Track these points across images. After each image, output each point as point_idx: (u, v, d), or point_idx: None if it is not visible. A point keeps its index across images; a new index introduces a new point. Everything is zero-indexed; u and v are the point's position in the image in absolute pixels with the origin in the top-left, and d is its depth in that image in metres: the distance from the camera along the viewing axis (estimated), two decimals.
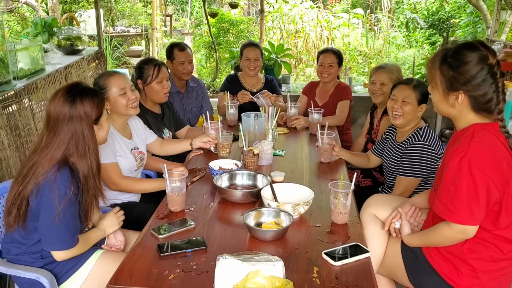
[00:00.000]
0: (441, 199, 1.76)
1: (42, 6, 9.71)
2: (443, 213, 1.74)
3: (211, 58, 8.99)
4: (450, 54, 1.77)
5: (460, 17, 9.37)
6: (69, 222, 1.85)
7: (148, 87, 2.98)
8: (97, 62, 5.06)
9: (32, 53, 4.01)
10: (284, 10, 10.21)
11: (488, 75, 1.71)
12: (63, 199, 1.81)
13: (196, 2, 14.42)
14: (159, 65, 2.99)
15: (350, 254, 1.75)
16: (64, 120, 1.87)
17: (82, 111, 1.89)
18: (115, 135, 2.49)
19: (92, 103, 1.92)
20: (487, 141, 1.73)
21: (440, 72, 1.79)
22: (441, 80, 1.79)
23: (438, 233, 1.80)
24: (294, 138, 3.35)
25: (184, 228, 1.93)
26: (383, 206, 2.16)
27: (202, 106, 3.90)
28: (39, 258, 1.95)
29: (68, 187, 1.82)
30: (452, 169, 1.71)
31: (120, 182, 2.44)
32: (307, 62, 9.59)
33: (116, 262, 1.96)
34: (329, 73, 3.80)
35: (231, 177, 2.41)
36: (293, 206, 1.99)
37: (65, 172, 1.84)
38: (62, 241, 1.87)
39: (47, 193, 1.81)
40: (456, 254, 1.81)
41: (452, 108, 1.81)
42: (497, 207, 1.74)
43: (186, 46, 3.78)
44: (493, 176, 1.67)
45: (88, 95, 1.93)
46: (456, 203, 1.70)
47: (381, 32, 11.20)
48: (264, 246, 1.81)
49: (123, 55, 9.79)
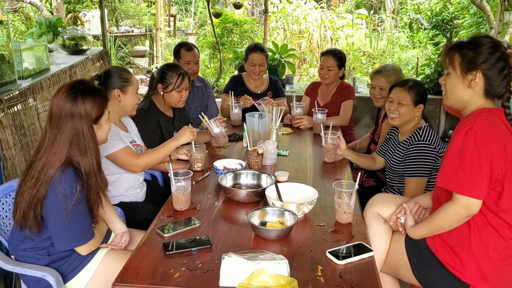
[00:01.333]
0: (445, 171, 1.81)
1: (46, 6, 9.75)
2: (447, 184, 1.80)
3: (215, 58, 9.01)
4: (466, 42, 1.92)
5: (463, 17, 9.35)
6: (79, 220, 1.87)
7: (168, 94, 3.01)
8: (101, 62, 5.08)
9: (37, 52, 4.03)
10: (288, 11, 10.21)
11: (501, 60, 1.85)
12: (70, 199, 1.82)
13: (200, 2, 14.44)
14: (183, 75, 3.01)
15: (354, 253, 1.77)
16: (66, 117, 1.88)
17: (82, 109, 1.90)
18: (116, 128, 2.52)
19: (93, 102, 1.93)
20: (492, 120, 1.81)
21: (459, 54, 1.89)
22: (460, 62, 1.88)
23: (442, 214, 1.84)
24: (298, 138, 3.36)
25: (189, 227, 1.95)
26: (387, 204, 2.18)
27: (207, 106, 3.91)
28: (45, 255, 1.96)
29: (74, 186, 1.84)
30: (458, 141, 1.78)
31: (138, 161, 2.47)
32: (310, 63, 9.59)
33: (122, 260, 1.97)
34: (328, 76, 3.78)
35: (235, 176, 2.42)
36: (297, 206, 2.00)
37: (69, 172, 1.85)
38: (74, 239, 1.89)
39: (53, 194, 1.82)
40: (460, 243, 1.85)
41: (467, 91, 1.89)
42: (499, 187, 1.78)
43: (193, 46, 3.80)
44: (497, 152, 1.74)
45: (90, 94, 1.93)
46: (460, 174, 1.75)
47: (385, 33, 11.19)
48: (269, 245, 1.82)
49: (127, 55, 9.82)
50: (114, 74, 2.54)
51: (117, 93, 2.51)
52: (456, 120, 4.65)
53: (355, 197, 2.04)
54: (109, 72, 2.56)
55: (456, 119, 4.74)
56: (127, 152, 2.45)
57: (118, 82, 2.52)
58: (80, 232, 1.90)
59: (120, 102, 2.53)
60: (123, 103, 2.55)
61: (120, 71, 2.58)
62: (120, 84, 2.52)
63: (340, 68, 3.79)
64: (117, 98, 2.51)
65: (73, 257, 1.98)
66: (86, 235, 1.92)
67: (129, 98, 2.56)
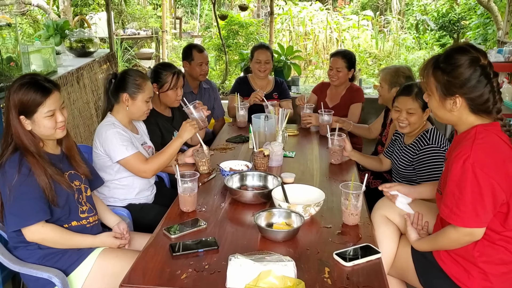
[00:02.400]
0: (446, 203, 1.75)
1: (53, 9, 9.80)
2: (449, 217, 1.74)
3: (221, 60, 9.02)
4: (441, 59, 1.78)
5: (470, 18, 9.32)
6: (21, 201, 1.88)
7: (163, 93, 3.01)
8: (108, 64, 5.10)
9: (45, 55, 4.06)
10: (294, 12, 10.21)
11: (482, 76, 1.72)
12: (11, 179, 1.87)
13: (206, 5, 14.48)
14: (177, 73, 3.01)
15: (361, 255, 1.76)
16: (6, 106, 1.95)
17: (12, 101, 1.91)
18: (127, 132, 2.52)
19: (25, 96, 1.91)
20: (489, 142, 1.72)
21: (434, 79, 1.79)
22: (436, 86, 1.79)
23: (445, 237, 1.80)
24: (304, 140, 3.35)
25: (196, 228, 1.95)
26: (395, 208, 2.16)
27: (214, 108, 3.92)
28: (37, 249, 1.98)
29: (15, 167, 1.88)
30: (455, 172, 1.70)
31: (147, 166, 2.44)
32: (316, 64, 9.58)
33: (119, 257, 2.00)
34: (337, 77, 3.78)
35: (242, 178, 2.42)
36: (304, 207, 2.00)
37: (15, 156, 1.91)
38: (17, 217, 1.90)
39: (0, 178, 1.90)
40: (466, 257, 1.81)
41: (450, 113, 1.80)
42: (505, 208, 1.73)
43: (203, 48, 3.84)
44: (497, 178, 1.66)
45: (24, 87, 1.92)
46: (461, 207, 1.69)
47: (391, 34, 11.16)
48: (275, 247, 1.82)
49: (133, 57, 9.85)
50: (128, 78, 2.51)
51: (126, 98, 2.49)
52: None
53: (362, 198, 2.03)
54: (124, 74, 2.54)
55: None
56: (137, 158, 2.42)
57: (129, 87, 2.50)
58: (24, 212, 1.89)
59: (127, 107, 2.51)
60: (130, 109, 2.52)
61: (136, 76, 2.53)
62: (131, 89, 2.50)
63: (349, 70, 3.79)
64: (124, 102, 2.50)
65: (69, 252, 2.00)
66: (30, 217, 1.90)
67: (137, 104, 2.52)
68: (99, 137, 2.45)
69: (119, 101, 2.51)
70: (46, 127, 1.96)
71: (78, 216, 2.07)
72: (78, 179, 2.11)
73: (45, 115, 1.94)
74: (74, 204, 2.05)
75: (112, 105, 2.55)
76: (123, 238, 2.15)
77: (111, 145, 2.40)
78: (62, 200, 1.99)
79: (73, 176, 2.09)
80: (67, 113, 2.07)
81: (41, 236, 1.94)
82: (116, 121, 2.51)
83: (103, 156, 2.47)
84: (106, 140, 2.41)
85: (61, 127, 2.01)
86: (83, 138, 4.19)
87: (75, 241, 2.02)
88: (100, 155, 2.48)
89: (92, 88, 4.56)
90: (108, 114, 2.55)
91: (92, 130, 4.37)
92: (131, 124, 2.64)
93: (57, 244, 1.98)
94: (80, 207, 2.08)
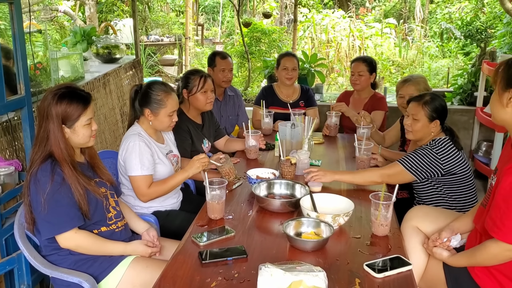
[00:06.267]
0: (491, 215, 1.73)
1: (79, 15, 9.98)
2: (491, 229, 1.71)
3: (243, 67, 9.05)
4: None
5: (496, 27, 9.18)
6: (55, 209, 1.90)
7: (193, 97, 3.02)
8: (133, 70, 5.15)
9: (72, 61, 4.12)
10: (316, 20, 10.20)
11: None
12: (45, 188, 1.89)
13: (227, 12, 14.57)
14: (205, 76, 3.04)
15: (392, 266, 1.73)
16: (42, 116, 1.96)
17: (54, 111, 1.93)
18: (151, 143, 2.52)
19: (67, 107, 1.94)
20: None
21: (501, 72, 1.79)
22: (500, 79, 1.78)
23: (485, 252, 1.76)
24: (330, 148, 3.34)
25: (225, 236, 1.95)
26: (426, 218, 2.13)
27: (238, 115, 3.93)
28: (68, 254, 2.00)
29: (48, 176, 1.90)
30: (505, 186, 1.68)
31: (148, 191, 2.44)
32: (339, 72, 9.55)
33: (150, 267, 2.00)
34: (359, 81, 3.79)
35: (269, 186, 2.42)
36: (333, 217, 1.98)
37: (46, 164, 1.93)
38: (52, 224, 1.92)
39: (32, 187, 1.92)
40: (504, 272, 1.77)
41: (505, 110, 1.77)
42: None
43: (227, 55, 3.87)
44: None
45: (65, 98, 1.95)
46: (505, 221, 1.67)
47: (414, 42, 11.07)
48: (305, 257, 1.81)
49: (156, 64, 9.95)
50: (151, 93, 2.49)
51: (148, 113, 2.49)
52: (491, 131, 4.53)
53: (392, 209, 2.00)
54: (147, 89, 2.51)
55: (490, 131, 4.62)
56: (144, 181, 2.42)
57: (151, 102, 2.48)
58: (58, 220, 1.91)
59: (150, 122, 2.51)
60: (154, 124, 2.52)
61: (158, 91, 2.50)
62: (153, 104, 2.48)
63: (371, 73, 3.79)
64: (147, 117, 2.50)
65: (100, 260, 2.01)
66: (64, 224, 1.92)
67: (161, 119, 2.51)
68: (123, 145, 2.48)
69: (143, 114, 2.53)
70: (85, 135, 2.02)
71: (106, 222, 2.08)
72: (104, 186, 2.13)
73: (84, 123, 2.00)
74: (102, 211, 2.07)
75: (138, 115, 2.58)
76: (154, 246, 2.16)
77: (129, 158, 2.42)
78: (93, 207, 2.02)
79: (100, 183, 2.11)
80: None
81: (75, 243, 1.96)
82: (142, 130, 2.52)
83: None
84: (126, 151, 2.44)
85: (94, 135, 2.07)
86: (108, 143, 4.23)
87: (107, 248, 2.04)
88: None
89: (118, 94, 4.61)
90: (135, 123, 2.57)
91: (117, 136, 4.41)
92: (157, 133, 2.64)
93: (90, 250, 2.00)
94: (108, 213, 2.10)
